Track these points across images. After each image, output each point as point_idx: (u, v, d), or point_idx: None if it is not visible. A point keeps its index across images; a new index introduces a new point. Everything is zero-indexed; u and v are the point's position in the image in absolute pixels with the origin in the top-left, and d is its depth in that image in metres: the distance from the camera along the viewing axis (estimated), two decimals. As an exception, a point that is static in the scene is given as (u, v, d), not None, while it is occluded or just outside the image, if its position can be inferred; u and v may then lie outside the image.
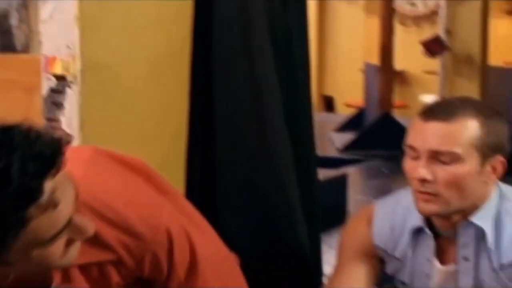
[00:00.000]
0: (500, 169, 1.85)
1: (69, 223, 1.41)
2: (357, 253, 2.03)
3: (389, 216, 2.00)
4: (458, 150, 1.78)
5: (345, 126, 8.10)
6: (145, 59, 2.28)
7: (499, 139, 1.84)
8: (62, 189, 1.39)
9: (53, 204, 1.35)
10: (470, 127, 1.79)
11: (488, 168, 1.83)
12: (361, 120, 8.21)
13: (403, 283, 2.01)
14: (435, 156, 1.79)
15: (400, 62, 9.07)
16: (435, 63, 9.09)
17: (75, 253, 1.47)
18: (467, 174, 1.80)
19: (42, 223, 1.36)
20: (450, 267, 1.92)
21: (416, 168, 1.81)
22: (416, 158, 1.82)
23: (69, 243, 1.43)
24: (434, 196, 1.81)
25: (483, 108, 1.86)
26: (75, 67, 2.13)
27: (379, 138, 6.93)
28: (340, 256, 2.06)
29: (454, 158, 1.79)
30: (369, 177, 2.03)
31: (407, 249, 1.97)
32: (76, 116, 2.15)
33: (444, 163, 1.79)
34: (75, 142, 2.15)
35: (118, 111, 2.26)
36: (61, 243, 1.41)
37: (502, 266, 1.85)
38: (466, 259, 1.88)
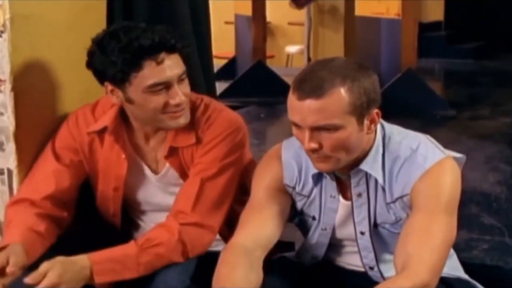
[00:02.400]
0: (377, 119, 1.97)
1: (169, 85, 2.12)
2: (270, 190, 2.14)
3: (295, 157, 2.13)
4: (335, 121, 1.88)
5: (218, 75, 8.20)
6: (67, 9, 2.48)
7: (369, 96, 1.91)
8: (173, 62, 2.14)
9: (160, 62, 2.11)
10: (341, 98, 1.87)
11: (366, 122, 1.94)
12: (232, 69, 8.37)
13: (313, 218, 2.18)
14: (317, 128, 1.90)
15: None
16: (299, 15, 9.34)
17: (177, 122, 2.19)
18: (350, 135, 1.91)
19: (150, 72, 2.11)
20: (349, 203, 2.10)
21: (303, 140, 1.93)
22: (301, 128, 1.94)
23: (166, 106, 2.13)
24: (325, 157, 1.96)
25: (348, 70, 1.91)
26: (5, 16, 2.25)
27: (253, 85, 7.15)
28: (253, 193, 2.17)
29: (334, 128, 1.89)
30: (248, 121, 2.20)
31: (313, 188, 2.13)
32: (6, 63, 2.28)
33: (327, 131, 1.90)
34: (6, 87, 2.30)
35: (45, 56, 2.42)
36: (161, 98, 2.15)
37: (394, 200, 2.02)
38: (359, 195, 2.07)
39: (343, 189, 2.11)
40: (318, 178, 2.12)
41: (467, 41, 9.81)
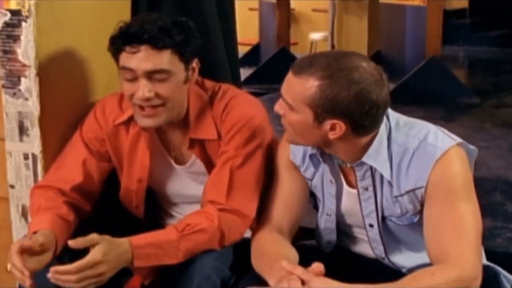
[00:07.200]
0: (338, 131, 1.92)
1: (136, 76, 2.13)
2: (288, 169, 2.20)
3: None
4: (291, 102, 1.92)
5: (242, 62, 8.19)
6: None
7: (337, 105, 1.87)
8: (148, 56, 2.12)
9: (135, 52, 2.12)
10: (308, 86, 1.87)
11: (326, 126, 1.92)
12: (256, 56, 8.37)
13: (320, 201, 2.21)
14: (285, 101, 1.96)
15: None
16: (323, 1, 9.23)
17: (143, 121, 2.20)
18: (299, 123, 1.93)
19: (125, 56, 2.15)
20: (355, 191, 2.10)
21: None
22: None
23: (132, 98, 2.16)
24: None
25: (338, 73, 1.87)
26: (30, 1, 2.27)
27: (277, 72, 7.13)
28: (273, 174, 2.23)
29: (290, 107, 1.94)
30: (272, 108, 2.18)
31: (315, 172, 2.16)
32: (32, 48, 2.30)
33: (288, 107, 1.95)
34: (31, 72, 2.32)
35: (70, 42, 2.43)
36: (127, 86, 2.16)
37: (403, 193, 2.00)
38: (365, 188, 2.06)
39: (347, 176, 2.12)
40: (317, 162, 2.13)
41: (492, 29, 9.70)
